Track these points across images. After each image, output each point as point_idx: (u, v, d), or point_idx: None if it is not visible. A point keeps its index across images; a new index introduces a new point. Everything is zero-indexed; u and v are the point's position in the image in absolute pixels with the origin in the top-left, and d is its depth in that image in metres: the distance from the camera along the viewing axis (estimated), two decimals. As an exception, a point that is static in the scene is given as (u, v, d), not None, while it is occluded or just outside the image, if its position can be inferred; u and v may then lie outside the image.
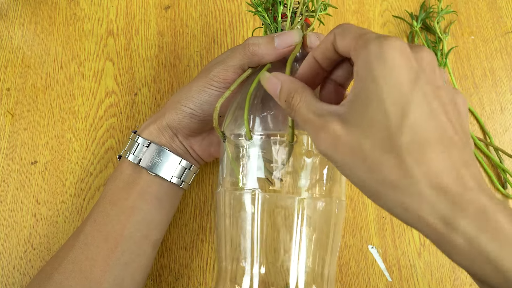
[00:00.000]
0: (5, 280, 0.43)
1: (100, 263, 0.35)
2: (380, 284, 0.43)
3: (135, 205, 0.37)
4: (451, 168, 0.23)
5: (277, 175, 0.33)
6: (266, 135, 0.34)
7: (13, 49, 0.52)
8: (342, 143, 0.24)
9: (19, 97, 0.50)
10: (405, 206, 0.23)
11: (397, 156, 0.23)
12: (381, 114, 0.23)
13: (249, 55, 0.35)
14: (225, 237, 0.35)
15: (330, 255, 0.34)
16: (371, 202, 0.46)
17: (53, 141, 0.48)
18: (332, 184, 0.34)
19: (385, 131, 0.23)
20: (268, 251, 0.33)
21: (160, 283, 0.44)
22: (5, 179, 0.47)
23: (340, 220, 0.35)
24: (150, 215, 0.38)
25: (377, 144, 0.23)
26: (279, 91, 0.30)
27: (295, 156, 0.33)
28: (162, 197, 0.38)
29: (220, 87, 0.37)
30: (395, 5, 0.53)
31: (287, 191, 0.33)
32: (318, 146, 0.26)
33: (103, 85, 0.50)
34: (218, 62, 0.37)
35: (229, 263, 0.34)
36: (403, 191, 0.23)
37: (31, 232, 0.45)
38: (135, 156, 0.38)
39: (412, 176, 0.22)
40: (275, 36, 0.35)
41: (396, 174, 0.23)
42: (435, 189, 0.22)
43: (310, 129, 0.26)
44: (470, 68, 0.50)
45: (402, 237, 0.45)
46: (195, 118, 0.38)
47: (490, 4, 0.53)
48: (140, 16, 0.52)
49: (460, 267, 0.23)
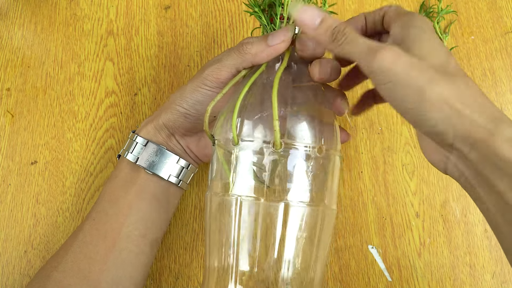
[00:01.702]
0: (5, 280, 0.43)
1: (99, 262, 0.36)
2: (380, 284, 0.43)
3: (133, 203, 0.37)
4: (480, 93, 0.29)
5: (264, 181, 0.33)
6: (254, 141, 0.33)
7: (13, 49, 0.52)
8: (403, 60, 0.28)
9: (19, 97, 0.50)
10: (442, 115, 0.27)
11: (450, 76, 0.28)
12: (435, 49, 0.29)
13: (242, 53, 0.35)
14: (212, 240, 0.35)
15: (316, 261, 0.34)
16: (371, 202, 0.46)
17: (53, 141, 0.48)
18: (321, 192, 0.34)
19: (439, 59, 0.29)
20: (253, 257, 0.33)
21: (160, 283, 0.44)
22: (5, 179, 0.47)
23: (328, 227, 0.35)
24: (148, 213, 0.38)
25: (434, 66, 0.28)
26: (320, 22, 0.31)
27: (282, 163, 0.33)
28: (160, 196, 0.39)
29: (213, 86, 0.37)
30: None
31: (274, 197, 0.33)
32: (376, 62, 0.28)
33: (103, 85, 0.50)
34: (213, 61, 0.37)
35: (215, 265, 0.34)
36: (454, 101, 0.27)
37: (31, 232, 0.45)
38: (133, 155, 0.38)
39: (459, 88, 0.28)
40: (269, 35, 0.35)
41: (449, 88, 0.28)
42: (479, 103, 0.28)
43: (366, 52, 0.29)
44: (470, 68, 0.50)
45: (402, 237, 0.45)
46: (189, 118, 0.38)
47: (490, 4, 0.53)
48: (140, 16, 0.52)
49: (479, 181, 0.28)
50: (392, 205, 0.46)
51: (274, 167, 0.33)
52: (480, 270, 0.44)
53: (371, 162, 0.47)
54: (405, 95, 0.28)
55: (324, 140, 0.34)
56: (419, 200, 0.46)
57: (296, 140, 0.33)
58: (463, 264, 0.44)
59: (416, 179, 0.46)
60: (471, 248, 0.44)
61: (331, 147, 0.35)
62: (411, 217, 0.45)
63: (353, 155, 0.47)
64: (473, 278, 0.43)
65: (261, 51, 0.35)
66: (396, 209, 0.45)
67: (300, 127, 0.34)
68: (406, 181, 0.46)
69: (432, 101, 0.27)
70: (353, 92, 0.49)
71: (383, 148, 0.47)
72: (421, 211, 0.45)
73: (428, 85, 0.27)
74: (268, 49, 0.34)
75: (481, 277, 0.43)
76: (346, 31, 0.30)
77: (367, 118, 0.48)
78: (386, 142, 0.48)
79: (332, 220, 0.36)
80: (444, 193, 0.46)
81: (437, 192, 0.46)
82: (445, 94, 0.27)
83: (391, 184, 0.46)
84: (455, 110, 0.27)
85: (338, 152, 0.36)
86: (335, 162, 0.35)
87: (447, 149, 0.29)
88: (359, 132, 0.48)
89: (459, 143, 0.28)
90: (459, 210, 0.46)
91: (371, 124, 0.48)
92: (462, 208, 0.46)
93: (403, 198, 0.46)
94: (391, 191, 0.46)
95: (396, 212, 0.45)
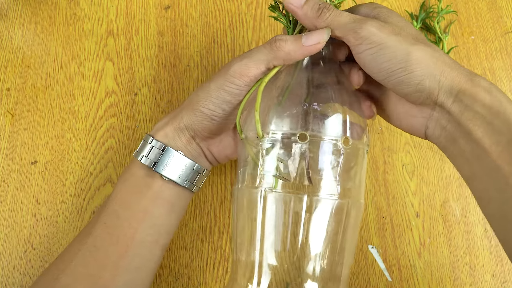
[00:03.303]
0: (5, 280, 0.43)
1: (110, 267, 0.35)
2: (380, 284, 0.43)
3: (148, 209, 0.36)
4: (450, 58, 0.33)
5: (288, 175, 0.33)
6: (280, 134, 0.34)
7: (13, 49, 0.52)
8: (388, 28, 0.32)
9: (19, 97, 0.50)
10: (428, 71, 0.31)
11: (426, 43, 0.33)
12: (406, 24, 0.34)
13: (275, 49, 0.34)
14: (240, 232, 0.35)
15: (343, 256, 0.34)
16: (371, 202, 0.46)
17: (53, 141, 0.48)
18: (348, 184, 0.34)
19: (412, 30, 0.33)
20: (279, 250, 0.33)
21: (160, 283, 0.44)
22: (5, 179, 0.47)
23: (356, 220, 0.35)
24: (162, 219, 0.37)
25: (408, 37, 0.32)
26: (305, 2, 0.34)
27: (307, 155, 0.33)
28: (175, 202, 0.38)
29: (241, 84, 0.35)
30: (395, 5, 0.53)
31: (299, 190, 0.33)
32: (365, 30, 0.32)
33: (103, 85, 0.50)
34: (240, 58, 0.35)
35: (243, 258, 0.34)
36: (436, 60, 0.32)
37: (31, 232, 0.45)
38: (149, 159, 0.36)
39: (436, 51, 0.32)
40: (303, 35, 0.34)
41: (430, 50, 0.32)
42: (454, 63, 0.32)
43: (353, 22, 0.33)
44: (470, 68, 0.50)
45: (402, 237, 0.45)
46: (216, 120, 0.36)
47: (490, 4, 0.53)
48: (140, 16, 0.52)
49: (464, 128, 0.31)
50: (392, 205, 0.46)
51: (300, 160, 0.33)
52: (480, 270, 0.44)
53: (371, 162, 0.47)
54: (393, 57, 0.31)
55: (350, 132, 0.34)
56: (419, 200, 0.46)
57: (321, 132, 0.34)
58: (463, 264, 0.44)
59: (416, 179, 0.46)
60: (471, 248, 0.44)
61: (358, 140, 0.35)
62: (411, 217, 0.45)
63: (353, 155, 0.47)
64: (473, 278, 0.43)
65: (295, 50, 0.34)
66: (396, 209, 0.45)
67: (325, 119, 0.34)
68: (406, 181, 0.46)
69: (419, 60, 0.31)
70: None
71: (383, 148, 0.47)
72: (421, 211, 0.45)
73: (412, 47, 0.32)
74: (303, 49, 0.34)
75: (481, 277, 0.43)
76: (330, 6, 0.33)
77: (367, 118, 0.48)
78: (386, 142, 0.48)
79: (359, 213, 0.35)
80: (444, 193, 0.46)
81: (437, 192, 0.46)
82: (428, 54, 0.32)
83: (391, 184, 0.46)
84: (438, 66, 0.31)
85: (366, 145, 0.36)
86: (362, 155, 0.36)
87: (430, 106, 0.33)
88: (359, 132, 0.48)
89: (443, 96, 0.32)
90: (459, 210, 0.46)
91: (371, 124, 0.48)
92: (462, 208, 0.46)
93: (403, 198, 0.46)
94: (391, 191, 0.46)
95: (396, 212, 0.45)
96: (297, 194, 0.33)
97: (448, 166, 0.47)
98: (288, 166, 0.33)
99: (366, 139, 0.36)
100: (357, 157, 0.35)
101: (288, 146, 0.33)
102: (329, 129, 0.34)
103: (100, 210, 0.37)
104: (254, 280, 0.33)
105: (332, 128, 0.34)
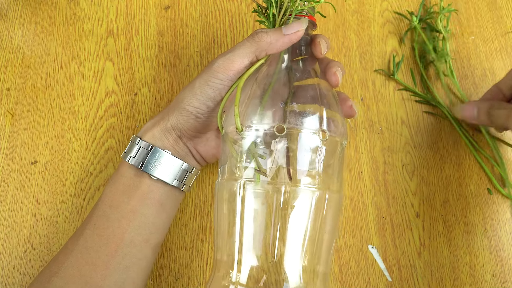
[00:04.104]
0: (5, 280, 0.43)
1: (101, 268, 0.35)
2: (380, 284, 0.43)
3: (136, 209, 0.37)
4: None
5: (266, 167, 0.34)
6: (258, 128, 0.34)
7: (13, 49, 0.52)
8: None
9: (19, 97, 0.50)
10: None
11: None
12: None
13: (257, 41, 0.35)
14: (219, 227, 0.35)
15: (321, 247, 0.34)
16: (371, 202, 0.46)
17: (53, 141, 0.48)
18: (327, 177, 0.35)
19: None
20: (259, 243, 0.33)
21: (160, 283, 0.44)
22: (5, 179, 0.47)
23: (334, 212, 0.35)
24: (151, 219, 0.37)
25: None
26: (477, 112, 0.42)
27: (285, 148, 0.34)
28: (164, 201, 0.38)
29: (224, 78, 0.36)
30: (395, 5, 0.53)
31: (278, 182, 0.33)
32: None
33: (103, 85, 0.50)
34: (224, 53, 0.36)
35: (224, 254, 0.34)
36: None
37: (31, 232, 0.45)
38: (137, 159, 0.37)
39: None
40: (283, 26, 0.36)
41: None
42: None
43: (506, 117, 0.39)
44: (470, 68, 0.50)
45: (402, 237, 0.45)
46: (200, 117, 0.37)
47: (490, 4, 0.53)
48: (140, 16, 0.52)
49: None
50: (392, 205, 0.46)
51: (278, 153, 0.34)
52: (480, 270, 0.44)
53: (371, 162, 0.47)
54: None
55: (326, 125, 0.35)
56: (419, 200, 0.46)
57: (298, 124, 0.34)
58: (463, 264, 0.44)
59: (416, 179, 0.46)
60: (471, 248, 0.44)
61: (335, 133, 0.35)
62: (411, 217, 0.45)
63: (353, 155, 0.47)
64: (473, 278, 0.43)
65: (277, 39, 0.35)
66: (396, 209, 0.45)
67: (302, 113, 0.35)
68: (406, 181, 0.46)
69: None
70: (350, 92, 0.49)
71: (383, 148, 0.47)
72: (421, 211, 0.45)
73: None
74: (284, 38, 0.35)
75: (481, 277, 0.43)
76: (499, 106, 0.41)
77: (367, 118, 0.48)
78: (386, 142, 0.48)
79: (339, 205, 0.36)
80: (444, 193, 0.46)
81: (437, 192, 0.46)
82: None
83: (391, 184, 0.46)
84: None
85: (343, 139, 0.37)
86: (340, 149, 0.36)
87: None
88: (359, 132, 0.48)
89: None
90: (459, 210, 0.46)
91: (371, 124, 0.48)
92: (462, 208, 0.46)
93: (403, 198, 0.46)
94: (391, 191, 0.46)
95: (396, 212, 0.45)
96: (275, 185, 0.33)
97: (448, 166, 0.47)
98: (266, 159, 0.34)
99: (344, 133, 0.37)
100: (334, 151, 0.35)
101: (266, 140, 0.34)
102: (306, 122, 0.34)
103: (91, 212, 0.38)
104: (233, 271, 0.33)
105: (309, 121, 0.34)
